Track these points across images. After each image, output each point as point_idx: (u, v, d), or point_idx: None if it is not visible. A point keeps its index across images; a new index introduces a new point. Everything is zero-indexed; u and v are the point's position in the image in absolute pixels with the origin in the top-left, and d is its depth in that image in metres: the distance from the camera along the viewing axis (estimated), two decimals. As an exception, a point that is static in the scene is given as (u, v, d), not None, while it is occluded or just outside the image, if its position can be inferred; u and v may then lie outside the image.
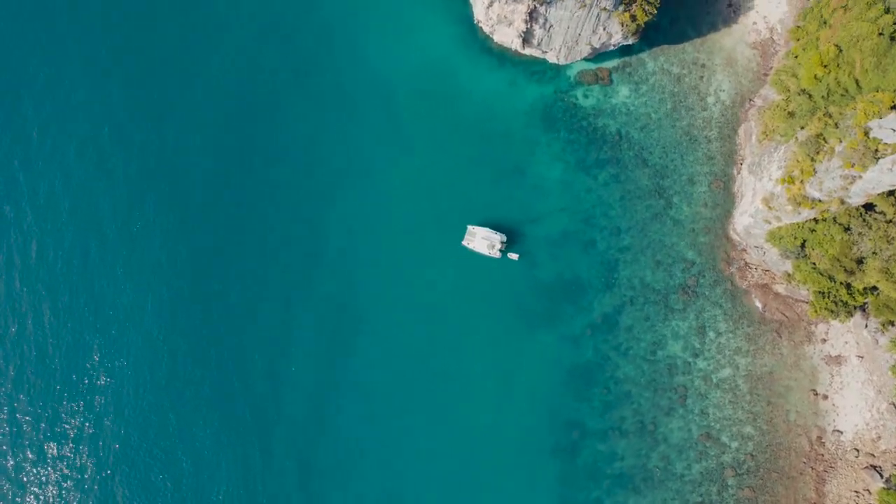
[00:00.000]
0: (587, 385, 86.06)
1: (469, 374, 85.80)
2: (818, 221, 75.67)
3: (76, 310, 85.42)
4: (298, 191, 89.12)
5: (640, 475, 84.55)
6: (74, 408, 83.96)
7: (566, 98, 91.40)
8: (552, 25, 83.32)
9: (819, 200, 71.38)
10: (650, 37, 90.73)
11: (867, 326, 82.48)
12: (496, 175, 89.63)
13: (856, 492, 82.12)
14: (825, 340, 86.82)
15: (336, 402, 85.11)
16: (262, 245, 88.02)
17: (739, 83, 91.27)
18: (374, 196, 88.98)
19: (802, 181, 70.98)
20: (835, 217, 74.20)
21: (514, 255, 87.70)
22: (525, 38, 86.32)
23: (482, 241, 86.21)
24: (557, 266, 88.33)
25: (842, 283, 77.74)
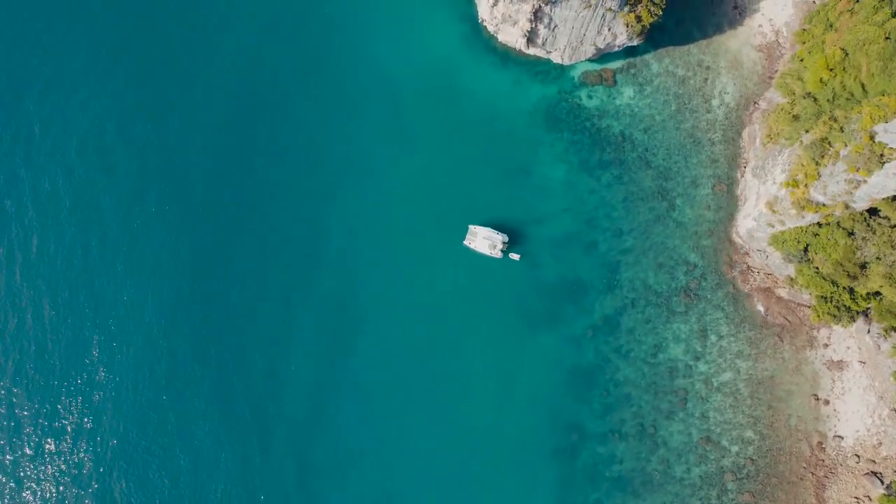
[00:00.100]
0: (587, 387, 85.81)
1: (469, 375, 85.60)
2: (822, 226, 75.37)
3: (76, 306, 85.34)
4: (299, 189, 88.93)
5: (640, 478, 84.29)
6: (73, 403, 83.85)
7: (570, 98, 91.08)
8: (557, 25, 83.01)
9: (823, 204, 71.05)
10: (655, 38, 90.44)
11: (869, 332, 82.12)
12: (498, 175, 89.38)
13: (856, 498, 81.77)
14: (827, 345, 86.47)
15: (336, 402, 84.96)
16: (263, 243, 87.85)
17: (744, 86, 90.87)
18: (376, 194, 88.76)
19: (807, 185, 70.67)
20: (839, 221, 73.87)
21: (516, 256, 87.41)
22: (529, 38, 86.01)
23: (484, 241, 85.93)
24: (559, 267, 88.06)
25: (845, 288, 77.40)
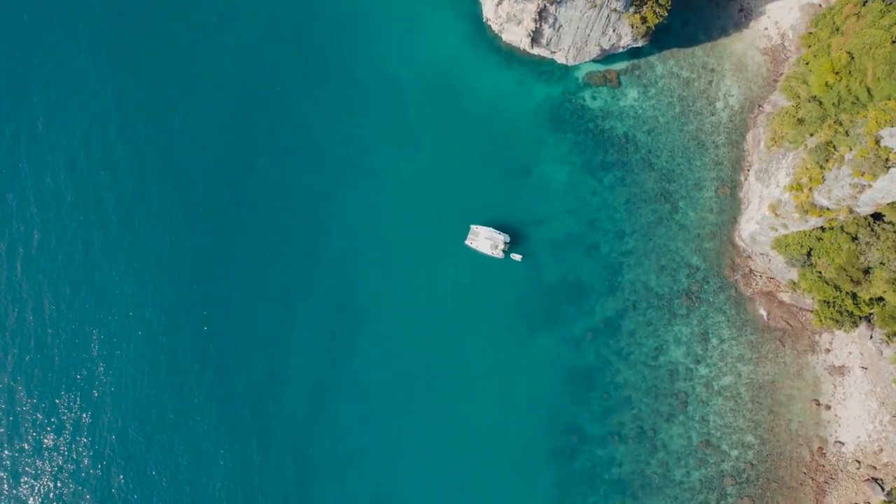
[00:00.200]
0: (587, 389, 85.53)
1: (468, 375, 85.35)
2: (825, 230, 74.98)
3: (76, 301, 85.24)
4: (300, 188, 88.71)
5: (639, 482, 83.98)
6: (72, 399, 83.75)
7: (574, 99, 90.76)
8: (561, 25, 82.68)
9: (827, 209, 70.66)
10: (660, 39, 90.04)
11: (872, 337, 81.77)
12: (501, 175, 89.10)
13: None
14: (829, 350, 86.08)
15: (335, 401, 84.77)
16: (264, 242, 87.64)
17: (749, 88, 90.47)
18: (377, 193, 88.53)
19: (811, 189, 70.29)
20: (842, 226, 73.49)
21: (518, 256, 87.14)
22: (534, 38, 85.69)
23: (485, 241, 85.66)
24: (560, 268, 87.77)
25: (847, 293, 77.00)
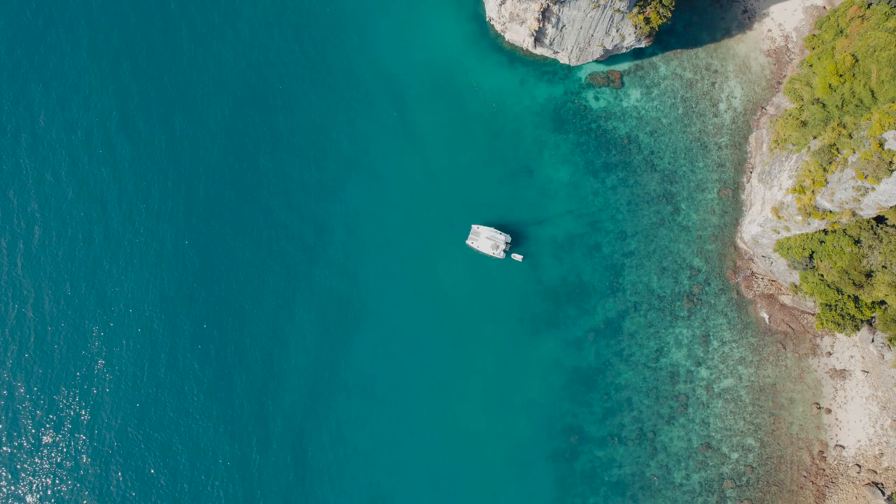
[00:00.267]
0: (587, 390, 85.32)
1: (468, 375, 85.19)
2: (828, 233, 74.69)
3: (77, 297, 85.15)
4: (302, 185, 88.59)
5: (638, 483, 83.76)
6: (71, 396, 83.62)
7: (576, 99, 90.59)
8: (565, 25, 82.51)
9: (830, 211, 70.39)
10: (663, 40, 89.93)
11: (874, 341, 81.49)
12: (503, 174, 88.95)
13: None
14: (830, 354, 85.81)
15: (335, 400, 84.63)
16: (265, 240, 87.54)
17: (752, 90, 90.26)
18: (379, 192, 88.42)
19: (813, 191, 70.00)
20: (845, 229, 73.19)
21: (519, 257, 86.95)
22: (537, 38, 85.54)
23: (486, 241, 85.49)
24: (562, 269, 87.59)
25: (849, 297, 76.73)
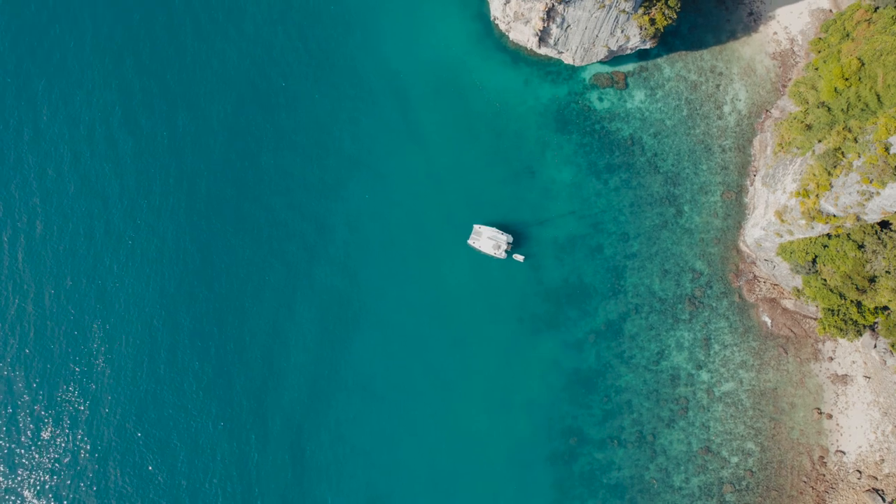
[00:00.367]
0: (587, 392, 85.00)
1: (468, 375, 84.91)
2: (831, 237, 74.30)
3: (77, 293, 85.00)
4: (304, 183, 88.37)
5: (637, 486, 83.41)
6: (71, 392, 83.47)
7: (580, 100, 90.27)
8: (569, 25, 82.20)
9: (834, 216, 69.99)
10: (668, 42, 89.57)
11: (876, 347, 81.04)
12: (506, 174, 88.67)
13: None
14: (832, 359, 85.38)
15: (334, 398, 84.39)
16: (266, 238, 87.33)
17: (757, 93, 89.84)
18: (381, 190, 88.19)
19: (818, 195, 69.61)
20: (849, 233, 72.78)
21: (520, 257, 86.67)
22: (541, 38, 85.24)
23: (488, 241, 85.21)
24: (563, 270, 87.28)
25: (852, 302, 76.31)
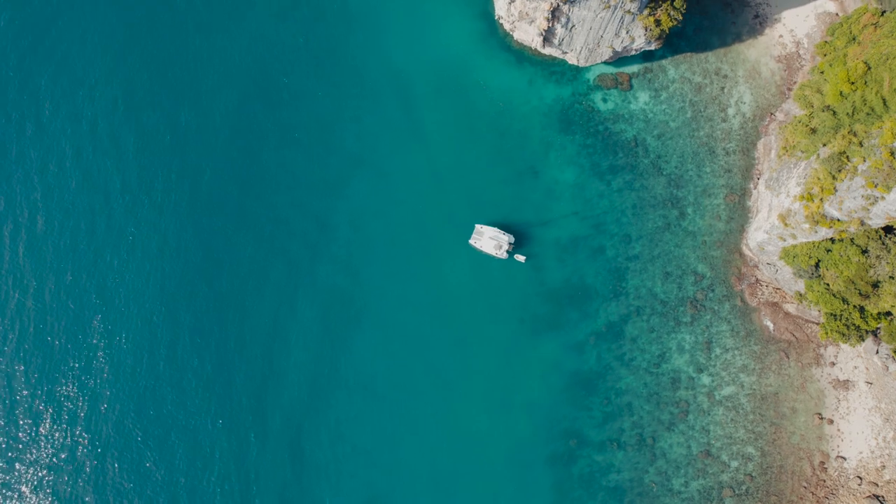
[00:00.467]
0: (588, 394, 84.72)
1: (468, 375, 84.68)
2: (835, 242, 73.92)
3: (78, 288, 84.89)
4: (306, 181, 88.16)
5: (636, 489, 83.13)
6: (70, 387, 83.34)
7: (584, 101, 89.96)
8: (574, 25, 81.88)
9: (838, 220, 69.60)
10: (673, 43, 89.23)
11: (878, 352, 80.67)
12: (508, 174, 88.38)
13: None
14: (834, 364, 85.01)
15: (334, 397, 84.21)
16: (268, 236, 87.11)
17: (762, 96, 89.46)
18: (383, 189, 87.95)
19: (822, 199, 69.23)
20: (853, 238, 72.40)
21: (521, 257, 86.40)
22: (546, 38, 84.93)
23: (489, 241, 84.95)
24: (564, 271, 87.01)
25: (855, 307, 75.94)
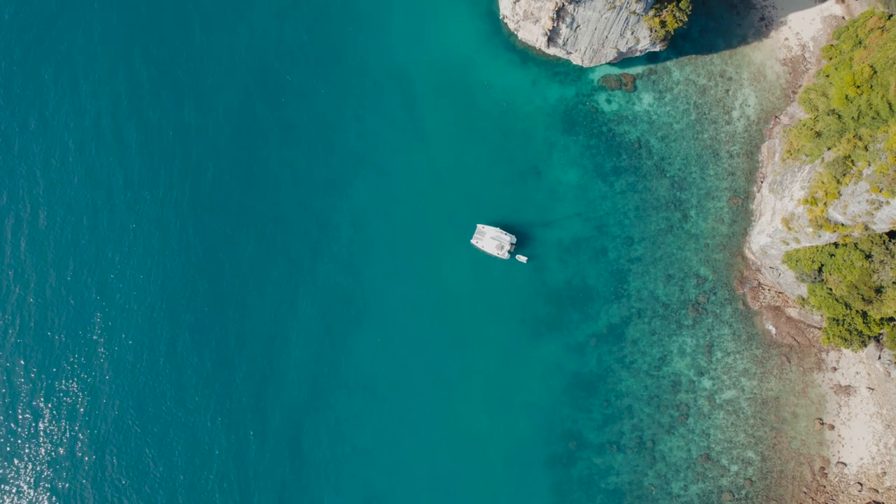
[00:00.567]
0: (588, 396, 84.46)
1: (469, 375, 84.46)
2: (838, 246, 73.57)
3: (79, 283, 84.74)
4: (309, 179, 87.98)
5: (636, 492, 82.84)
6: (69, 383, 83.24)
7: (588, 102, 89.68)
8: (579, 26, 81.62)
9: (842, 224, 69.25)
10: (678, 45, 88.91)
11: (880, 358, 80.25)
12: (511, 174, 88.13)
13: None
14: (836, 369, 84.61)
15: (334, 396, 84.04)
16: (270, 232, 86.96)
17: (766, 99, 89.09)
18: (385, 188, 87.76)
19: (826, 203, 68.88)
20: (856, 243, 72.03)
21: (523, 258, 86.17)
22: (550, 38, 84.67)
23: (491, 241, 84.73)
24: (566, 272, 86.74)
25: (858, 312, 75.55)
